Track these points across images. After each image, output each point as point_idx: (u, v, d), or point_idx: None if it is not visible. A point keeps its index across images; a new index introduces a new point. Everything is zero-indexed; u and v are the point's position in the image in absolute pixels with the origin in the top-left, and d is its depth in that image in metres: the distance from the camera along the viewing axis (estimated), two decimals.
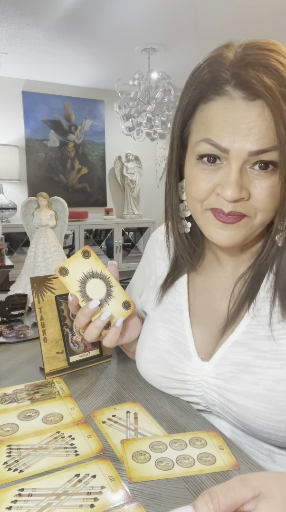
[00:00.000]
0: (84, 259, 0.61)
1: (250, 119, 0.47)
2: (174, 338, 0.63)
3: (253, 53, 0.48)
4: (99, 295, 0.61)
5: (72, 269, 0.61)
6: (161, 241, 0.73)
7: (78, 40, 3.21)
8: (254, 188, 0.50)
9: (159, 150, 4.92)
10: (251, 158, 0.49)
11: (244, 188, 0.50)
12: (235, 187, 0.49)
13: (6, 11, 2.73)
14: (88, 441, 0.52)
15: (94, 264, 0.61)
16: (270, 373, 0.52)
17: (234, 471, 0.47)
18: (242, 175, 0.50)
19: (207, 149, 0.51)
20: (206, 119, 0.51)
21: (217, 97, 0.50)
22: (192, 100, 0.53)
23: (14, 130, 4.15)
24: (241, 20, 2.91)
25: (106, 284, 0.62)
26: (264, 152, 0.48)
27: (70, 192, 4.43)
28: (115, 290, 0.62)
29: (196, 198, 0.54)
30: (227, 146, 0.49)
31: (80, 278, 0.61)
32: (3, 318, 1.03)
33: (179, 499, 0.43)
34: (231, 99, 0.48)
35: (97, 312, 0.61)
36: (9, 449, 0.51)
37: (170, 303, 0.66)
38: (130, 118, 3.42)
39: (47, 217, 1.43)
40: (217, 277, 0.64)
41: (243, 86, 0.47)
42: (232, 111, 0.48)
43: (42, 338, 0.71)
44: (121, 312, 0.62)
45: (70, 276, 0.60)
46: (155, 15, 2.83)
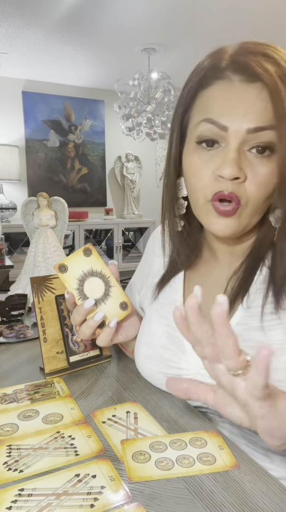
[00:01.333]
0: (85, 257, 0.61)
1: (248, 99, 0.49)
2: (168, 333, 0.64)
3: (252, 45, 0.51)
4: (97, 294, 0.61)
5: (72, 266, 0.60)
6: (160, 238, 0.74)
7: (78, 40, 3.21)
8: (250, 171, 0.51)
9: (159, 150, 4.92)
10: (248, 137, 0.50)
11: (242, 169, 0.51)
12: (234, 164, 0.50)
13: (6, 11, 2.73)
14: (88, 441, 0.52)
15: (95, 263, 0.61)
16: None
17: (234, 471, 0.47)
18: (240, 156, 0.51)
19: (206, 129, 0.52)
20: (205, 101, 0.53)
21: (217, 81, 0.52)
22: (192, 88, 0.55)
23: (14, 130, 4.15)
24: (241, 21, 2.91)
25: (105, 283, 0.62)
26: (262, 130, 0.49)
27: (70, 192, 4.44)
28: (114, 290, 0.62)
29: (199, 187, 0.55)
30: (226, 123, 0.50)
31: (79, 276, 0.60)
32: (3, 318, 1.03)
33: (179, 499, 0.43)
34: (230, 82, 0.51)
35: (93, 311, 0.60)
36: (9, 449, 0.51)
37: (165, 298, 0.67)
38: (130, 118, 3.42)
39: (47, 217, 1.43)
40: (213, 274, 0.65)
41: (242, 70, 0.50)
42: (231, 91, 0.50)
43: (42, 338, 0.71)
44: (117, 312, 0.62)
45: (69, 274, 0.60)
46: (155, 15, 2.83)
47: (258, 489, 0.44)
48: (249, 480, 0.45)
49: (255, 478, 0.46)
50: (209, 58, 0.54)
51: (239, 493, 0.43)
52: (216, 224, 0.55)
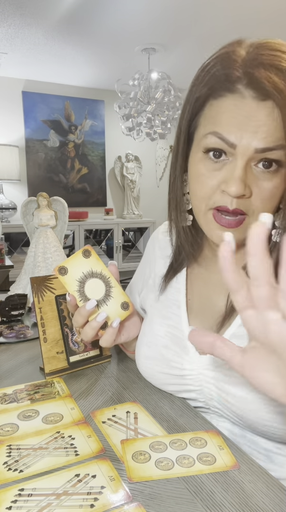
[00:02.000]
0: (84, 259, 0.61)
1: (259, 118, 0.48)
2: (171, 333, 0.64)
3: (266, 53, 0.49)
4: (98, 295, 0.61)
5: (72, 268, 0.60)
6: (161, 239, 0.74)
7: (78, 40, 3.21)
8: (256, 186, 0.51)
9: (159, 150, 4.92)
10: (256, 155, 0.50)
11: (247, 186, 0.51)
12: (240, 182, 0.50)
13: (6, 11, 2.73)
14: (88, 441, 0.52)
15: (95, 264, 0.61)
16: None
17: (234, 471, 0.47)
18: (247, 172, 0.51)
19: (214, 142, 0.52)
20: (215, 113, 0.52)
21: (229, 94, 0.50)
22: (202, 94, 0.54)
23: (14, 130, 4.15)
24: (241, 20, 2.92)
25: (106, 284, 0.62)
26: (270, 150, 0.49)
27: (70, 192, 4.44)
28: (115, 290, 0.62)
29: (202, 196, 0.55)
30: (234, 141, 0.50)
31: (79, 277, 0.60)
32: (3, 318, 1.03)
33: (179, 499, 0.43)
34: (242, 98, 0.49)
35: (95, 312, 0.61)
36: (9, 449, 0.51)
37: (167, 299, 0.67)
38: (130, 118, 3.42)
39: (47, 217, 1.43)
40: (215, 273, 0.64)
41: (255, 86, 0.48)
42: (242, 108, 0.49)
43: (42, 338, 0.71)
44: (119, 312, 0.62)
45: (69, 276, 0.60)
46: (155, 15, 2.83)
47: (258, 489, 0.44)
48: (249, 480, 0.45)
49: (255, 478, 0.46)
50: (220, 63, 0.52)
51: (239, 493, 0.43)
52: (217, 236, 0.55)
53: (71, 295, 0.60)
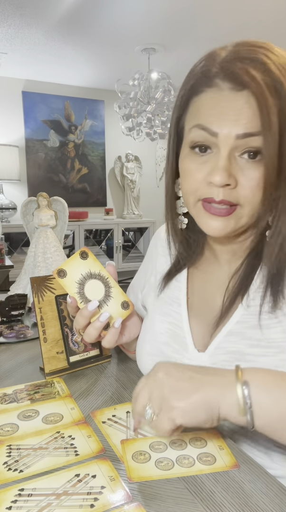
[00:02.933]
0: (82, 260, 0.61)
1: (237, 107, 0.50)
2: (171, 330, 0.64)
3: (243, 49, 0.52)
4: (98, 296, 0.61)
5: (70, 270, 0.61)
6: (163, 237, 0.74)
7: (78, 40, 3.21)
8: (241, 176, 0.52)
9: (159, 150, 4.92)
10: (238, 142, 0.50)
11: (232, 176, 0.52)
12: (223, 171, 0.51)
13: (6, 11, 2.73)
14: (88, 441, 0.52)
15: (93, 265, 0.61)
16: (264, 360, 0.54)
17: (234, 471, 0.47)
18: (231, 162, 0.51)
19: (198, 135, 0.53)
20: (197, 108, 0.54)
21: (207, 88, 0.52)
22: (185, 93, 0.56)
23: (14, 130, 4.14)
24: (241, 20, 2.91)
25: (105, 284, 0.62)
26: (251, 136, 0.50)
27: (70, 192, 4.43)
28: (114, 290, 0.62)
29: (189, 189, 0.56)
30: (215, 129, 0.51)
31: (78, 279, 0.61)
32: (3, 318, 1.02)
33: (179, 499, 0.43)
34: (219, 90, 0.51)
35: (97, 313, 0.61)
36: (9, 449, 0.51)
37: (168, 297, 0.68)
38: (130, 118, 3.42)
39: (47, 217, 1.43)
40: (214, 272, 0.65)
41: (231, 78, 0.50)
42: (220, 99, 0.51)
43: (42, 338, 0.71)
44: (120, 312, 0.63)
45: (68, 278, 0.60)
46: (155, 15, 2.83)
47: (258, 489, 0.44)
48: (249, 480, 0.45)
49: (255, 478, 0.46)
50: (201, 62, 0.55)
51: (239, 493, 0.43)
52: (207, 225, 0.56)
53: (72, 297, 0.60)
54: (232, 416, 0.45)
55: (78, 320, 0.61)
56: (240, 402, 0.44)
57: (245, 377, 0.46)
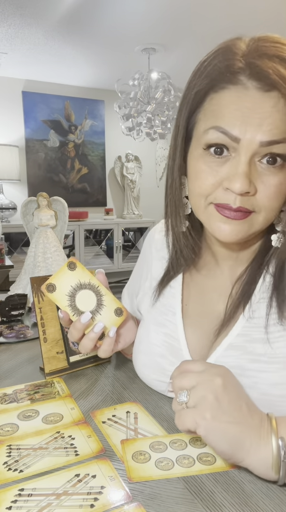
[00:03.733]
0: (70, 272, 0.59)
1: (264, 109, 0.46)
2: (167, 342, 0.62)
3: (267, 44, 0.47)
4: (90, 306, 0.60)
5: (60, 283, 0.59)
6: (157, 239, 0.71)
7: (78, 40, 3.21)
8: (261, 183, 0.49)
9: (159, 150, 4.92)
10: (261, 149, 0.47)
11: (252, 183, 0.48)
12: (244, 178, 0.47)
13: (6, 11, 2.73)
14: (88, 441, 0.52)
15: (81, 275, 0.60)
16: (266, 376, 0.51)
17: (234, 471, 0.47)
18: (251, 168, 0.48)
19: (216, 137, 0.49)
20: (216, 107, 0.49)
21: (231, 85, 0.48)
22: (202, 88, 0.51)
23: (14, 130, 4.14)
24: (241, 21, 2.91)
25: (96, 293, 0.60)
26: (276, 144, 0.47)
27: (70, 192, 4.43)
28: (106, 298, 0.61)
29: (201, 193, 0.52)
30: (238, 135, 0.47)
31: (68, 292, 0.59)
32: (3, 318, 1.03)
33: (179, 499, 0.43)
34: (245, 89, 0.47)
35: (90, 324, 0.59)
36: (9, 449, 0.51)
37: (163, 305, 0.65)
38: (130, 118, 3.42)
39: (47, 217, 1.43)
40: (214, 278, 0.62)
41: (258, 76, 0.46)
42: (245, 100, 0.47)
43: (42, 338, 0.71)
44: (114, 320, 0.61)
45: (58, 292, 0.59)
46: (155, 15, 2.83)
47: (258, 489, 0.44)
48: (249, 480, 0.45)
49: (255, 478, 0.46)
50: (220, 55, 0.49)
51: (239, 493, 0.43)
52: (220, 229, 0.52)
53: (63, 312, 0.59)
54: (260, 470, 0.43)
55: (72, 333, 0.59)
56: (274, 457, 0.42)
57: (281, 431, 0.43)
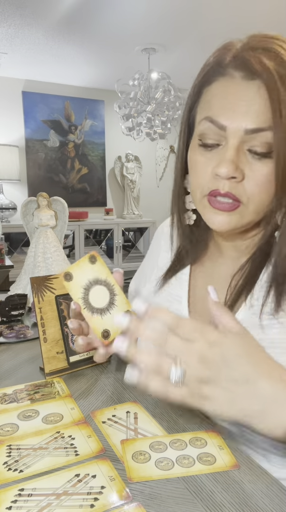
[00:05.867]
0: (90, 265, 0.59)
1: (248, 97, 0.49)
2: None
3: (257, 39, 0.51)
4: (102, 303, 0.59)
5: (77, 274, 0.59)
6: (167, 232, 0.74)
7: (78, 40, 3.21)
8: (249, 170, 0.51)
9: (159, 150, 4.92)
10: (247, 137, 0.49)
11: (239, 169, 0.51)
12: (230, 163, 0.50)
13: (6, 11, 2.73)
14: (88, 441, 0.52)
15: (100, 271, 0.60)
16: None
17: (234, 471, 0.47)
18: (239, 155, 0.50)
19: (207, 127, 0.52)
20: (209, 98, 0.53)
21: (220, 77, 0.52)
22: (198, 83, 0.55)
23: (14, 130, 4.15)
24: (241, 21, 2.91)
25: (110, 292, 0.60)
26: (261, 131, 0.48)
27: (70, 192, 4.43)
28: (118, 298, 0.60)
29: (197, 183, 0.55)
30: (224, 123, 0.50)
31: (84, 284, 0.59)
32: (3, 318, 1.03)
33: (179, 499, 0.43)
34: (231, 78, 0.50)
35: (98, 321, 0.58)
36: (9, 449, 0.51)
37: (169, 294, 0.67)
38: (130, 118, 3.42)
39: (47, 217, 1.43)
40: (218, 269, 0.64)
41: (243, 66, 0.49)
42: (231, 88, 0.50)
43: (42, 338, 0.71)
44: None
45: (74, 282, 0.58)
46: (155, 15, 2.83)
47: (258, 489, 0.44)
48: (249, 480, 0.45)
49: (255, 478, 0.46)
50: (216, 53, 0.54)
51: (239, 493, 0.43)
52: (212, 219, 0.55)
53: (76, 303, 0.58)
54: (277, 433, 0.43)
55: (79, 341, 0.58)
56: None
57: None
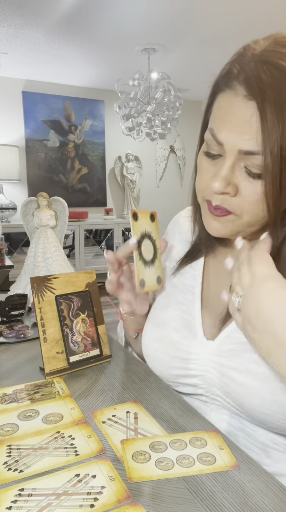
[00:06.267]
0: (150, 221, 0.66)
1: (246, 117, 0.48)
2: (182, 317, 0.65)
3: (272, 49, 0.49)
4: (147, 257, 0.66)
5: (140, 221, 0.65)
6: (182, 224, 0.75)
7: (78, 40, 3.21)
8: (243, 187, 0.51)
9: (159, 150, 4.92)
10: (242, 156, 0.50)
11: (233, 184, 0.51)
12: (222, 180, 0.51)
13: (6, 11, 2.73)
14: (88, 441, 0.52)
15: (154, 230, 0.66)
16: None
17: (234, 471, 0.47)
18: (235, 171, 0.51)
19: (210, 139, 0.53)
20: (216, 107, 0.53)
21: (227, 89, 0.51)
22: (213, 86, 0.55)
23: (14, 130, 4.15)
24: (241, 20, 2.91)
25: (154, 252, 0.66)
26: (253, 154, 0.49)
27: (70, 192, 4.43)
28: (157, 262, 0.67)
29: (199, 188, 0.57)
30: (222, 139, 0.51)
31: (142, 232, 0.65)
32: (3, 318, 1.03)
33: (179, 499, 0.43)
34: (235, 95, 0.50)
35: (141, 268, 0.64)
36: (9, 449, 0.51)
37: (183, 284, 0.68)
38: (130, 118, 3.42)
39: (47, 217, 1.43)
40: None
41: (245, 82, 0.48)
42: (233, 106, 0.50)
43: (42, 338, 0.71)
44: (152, 283, 0.66)
45: (137, 224, 0.64)
46: (155, 15, 2.83)
47: (258, 489, 0.44)
48: (249, 480, 0.45)
49: (255, 478, 0.46)
50: (233, 57, 0.52)
51: (239, 493, 0.43)
52: (208, 224, 0.58)
53: (133, 242, 0.64)
54: None
55: (117, 252, 0.66)
56: None
57: None
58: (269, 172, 0.48)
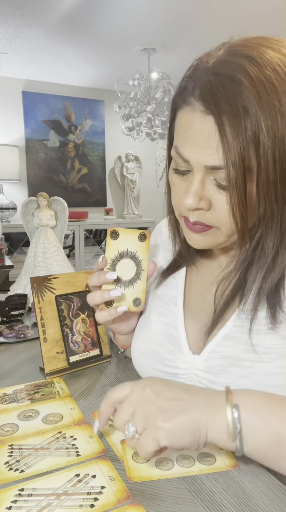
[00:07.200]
0: (138, 241, 0.62)
1: (206, 132, 0.47)
2: (166, 331, 0.63)
3: (224, 60, 0.48)
4: (124, 277, 0.62)
5: (122, 239, 0.62)
6: (164, 232, 0.74)
7: (78, 40, 3.21)
8: (216, 200, 0.51)
9: (159, 150, 4.92)
10: (209, 171, 0.49)
11: (205, 199, 0.51)
12: (193, 196, 0.50)
13: (6, 11, 2.73)
14: (90, 442, 0.52)
15: (142, 251, 0.62)
16: (259, 367, 0.52)
17: (234, 471, 0.47)
18: (205, 185, 0.51)
19: (176, 156, 0.53)
20: (177, 124, 0.53)
21: (185, 106, 0.50)
22: (173, 101, 0.54)
23: (14, 130, 4.15)
24: (241, 20, 2.91)
25: (136, 273, 0.63)
26: (219, 169, 0.48)
27: (70, 192, 4.44)
28: (139, 283, 0.63)
29: (174, 203, 0.57)
30: (186, 156, 0.50)
31: (121, 251, 0.62)
32: (3, 318, 1.03)
33: (179, 499, 0.43)
34: (193, 111, 0.49)
35: (110, 285, 0.61)
36: (10, 449, 0.51)
37: (165, 295, 0.67)
38: (130, 118, 3.42)
39: (47, 217, 1.43)
40: (212, 271, 0.64)
41: (201, 97, 0.47)
42: (192, 122, 0.49)
43: (42, 338, 0.71)
44: (130, 304, 0.63)
45: (116, 242, 0.61)
46: (155, 16, 2.83)
47: (258, 489, 0.44)
48: (249, 480, 0.45)
49: (255, 478, 0.46)
50: (187, 71, 0.52)
51: (239, 493, 0.43)
52: (189, 238, 0.57)
53: (105, 258, 0.61)
54: (221, 440, 0.43)
55: (93, 279, 0.62)
56: (229, 426, 0.42)
57: (235, 399, 0.44)
58: (232, 185, 0.47)
